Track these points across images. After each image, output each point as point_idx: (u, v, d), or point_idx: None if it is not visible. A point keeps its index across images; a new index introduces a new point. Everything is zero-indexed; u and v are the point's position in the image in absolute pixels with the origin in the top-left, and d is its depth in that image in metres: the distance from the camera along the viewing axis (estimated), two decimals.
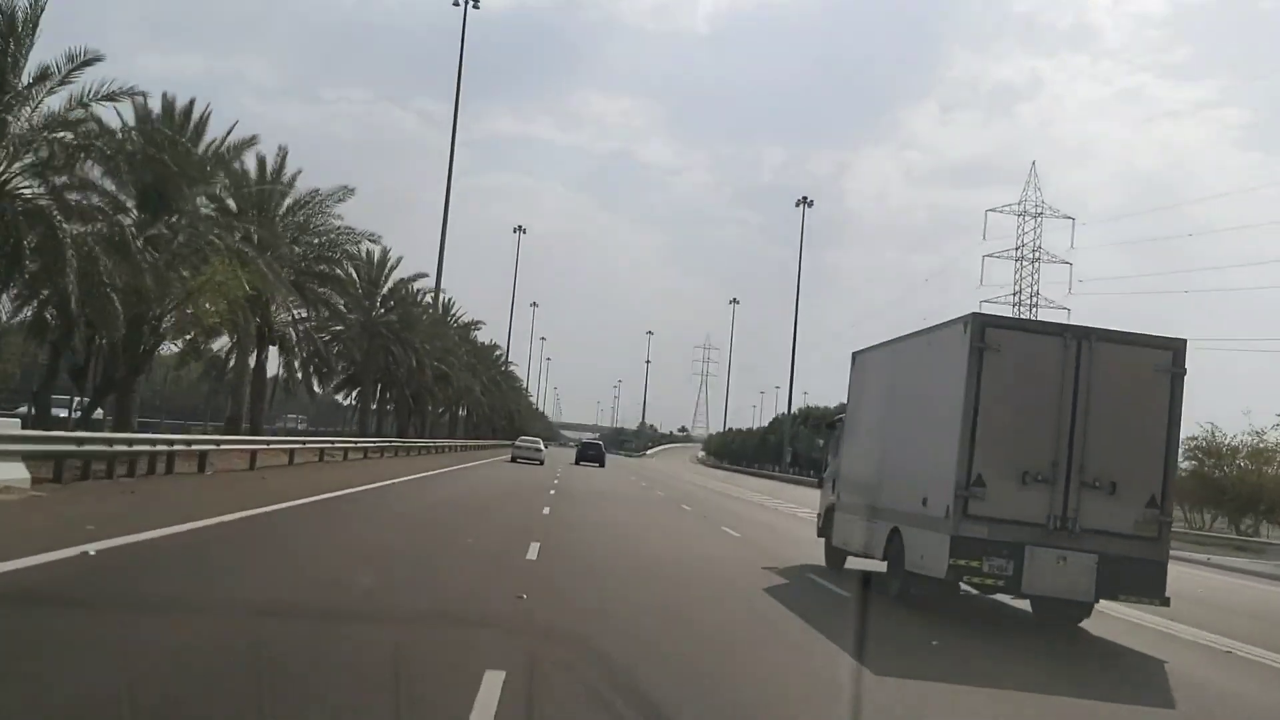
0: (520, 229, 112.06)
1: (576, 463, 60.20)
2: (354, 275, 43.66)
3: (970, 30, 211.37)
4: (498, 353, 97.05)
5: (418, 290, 57.04)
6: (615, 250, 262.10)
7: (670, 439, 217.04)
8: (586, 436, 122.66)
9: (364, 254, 44.12)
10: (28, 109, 20.22)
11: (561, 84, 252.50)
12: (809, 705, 7.21)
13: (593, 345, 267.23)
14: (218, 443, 25.19)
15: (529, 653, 7.17)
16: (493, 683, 5.98)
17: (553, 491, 30.54)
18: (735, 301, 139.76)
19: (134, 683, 5.52)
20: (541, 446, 56.71)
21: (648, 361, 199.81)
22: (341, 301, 40.73)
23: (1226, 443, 41.02)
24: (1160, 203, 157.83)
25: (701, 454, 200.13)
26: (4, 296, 21.65)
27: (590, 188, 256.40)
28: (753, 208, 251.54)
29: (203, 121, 27.25)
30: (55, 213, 20.11)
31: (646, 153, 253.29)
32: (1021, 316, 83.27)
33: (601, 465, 59.99)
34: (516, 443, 57.32)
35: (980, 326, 11.34)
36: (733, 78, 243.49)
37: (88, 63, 20.50)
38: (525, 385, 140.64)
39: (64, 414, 29.48)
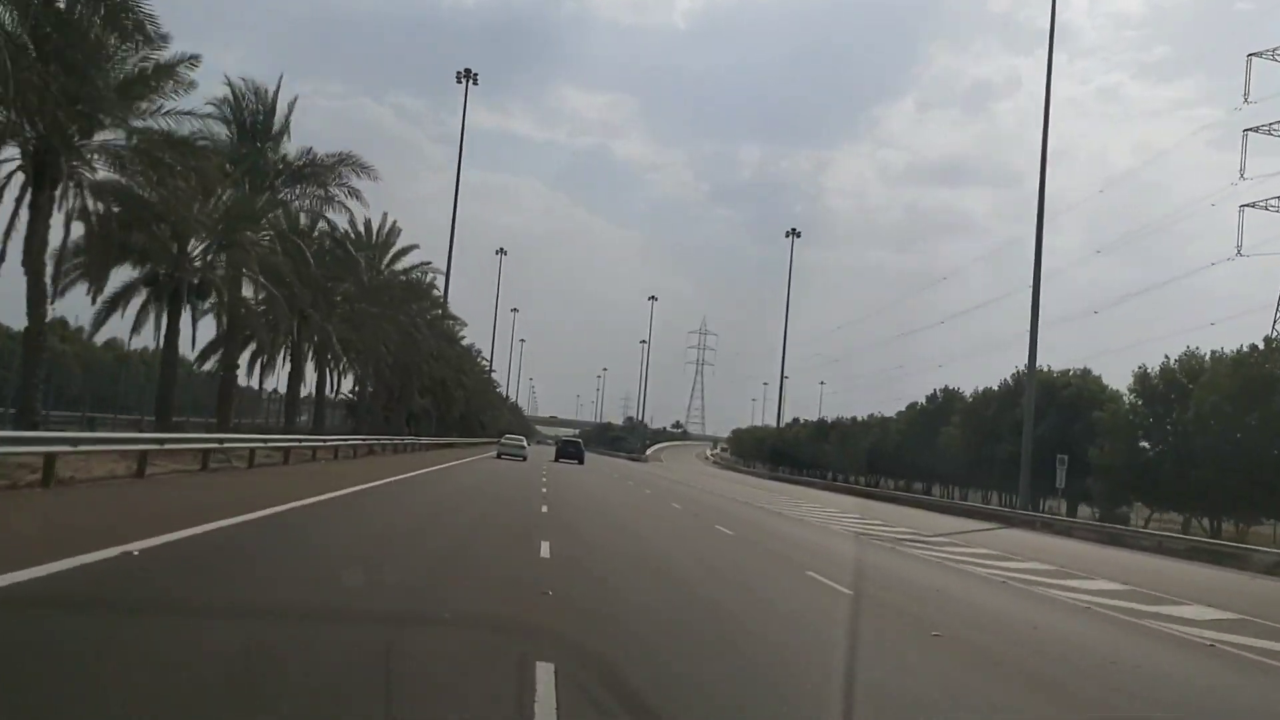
0: (469, 75, 71.24)
1: (556, 460, 59.29)
2: None
3: (948, 28, 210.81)
4: (435, 292, 60.06)
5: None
6: (593, 247, 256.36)
7: (665, 436, 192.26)
8: (566, 434, 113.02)
9: None
10: None
11: (538, 78, 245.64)
12: None
13: (571, 343, 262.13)
14: None
15: None
16: None
17: None
18: (795, 233, 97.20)
19: None
20: (525, 444, 59.17)
21: (644, 341, 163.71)
22: None
23: None
24: (1136, 202, 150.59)
25: (712, 452, 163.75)
26: None
27: (568, 184, 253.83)
28: (732, 205, 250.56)
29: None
30: None
31: (624, 149, 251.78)
32: None
33: (580, 462, 60.18)
34: (502, 440, 58.71)
35: None
36: (710, 74, 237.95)
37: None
38: (489, 364, 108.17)
39: None
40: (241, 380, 32.24)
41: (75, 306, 62.70)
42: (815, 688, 6.50)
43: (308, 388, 37.15)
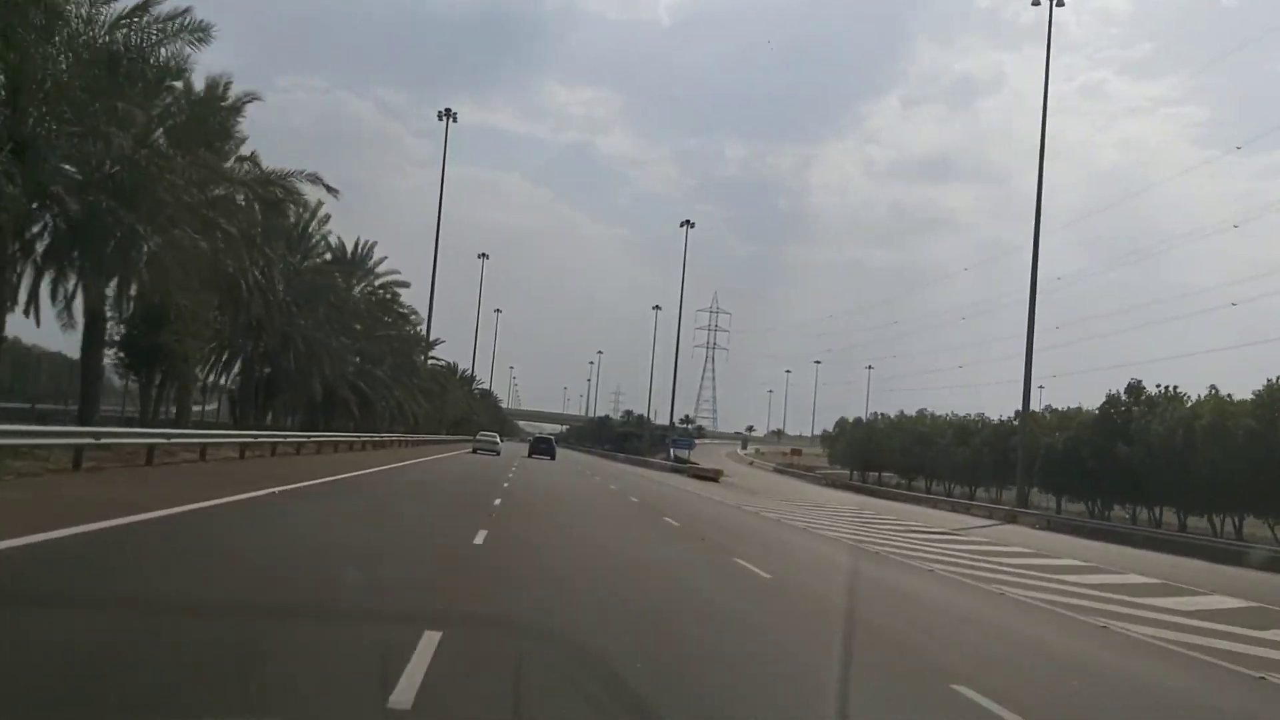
0: None
1: (530, 455, 60.62)
2: None
3: (934, 23, 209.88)
4: None
5: None
6: (577, 243, 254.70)
7: (676, 432, 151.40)
8: (551, 429, 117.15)
9: None
10: None
11: (522, 72, 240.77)
12: None
13: (555, 341, 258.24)
14: None
15: None
16: None
17: None
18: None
19: None
20: (498, 440, 65.54)
21: (657, 307, 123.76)
22: None
23: None
24: (1121, 200, 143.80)
25: (748, 453, 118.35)
26: None
27: (551, 179, 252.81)
28: (716, 202, 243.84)
29: None
30: None
31: (608, 144, 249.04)
32: None
33: (552, 458, 60.59)
34: (477, 436, 66.30)
35: None
36: (695, 69, 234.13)
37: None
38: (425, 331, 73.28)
39: None
40: None
41: None
42: None
43: None
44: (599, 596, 10.24)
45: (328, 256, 41.41)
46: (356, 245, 49.55)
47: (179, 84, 23.79)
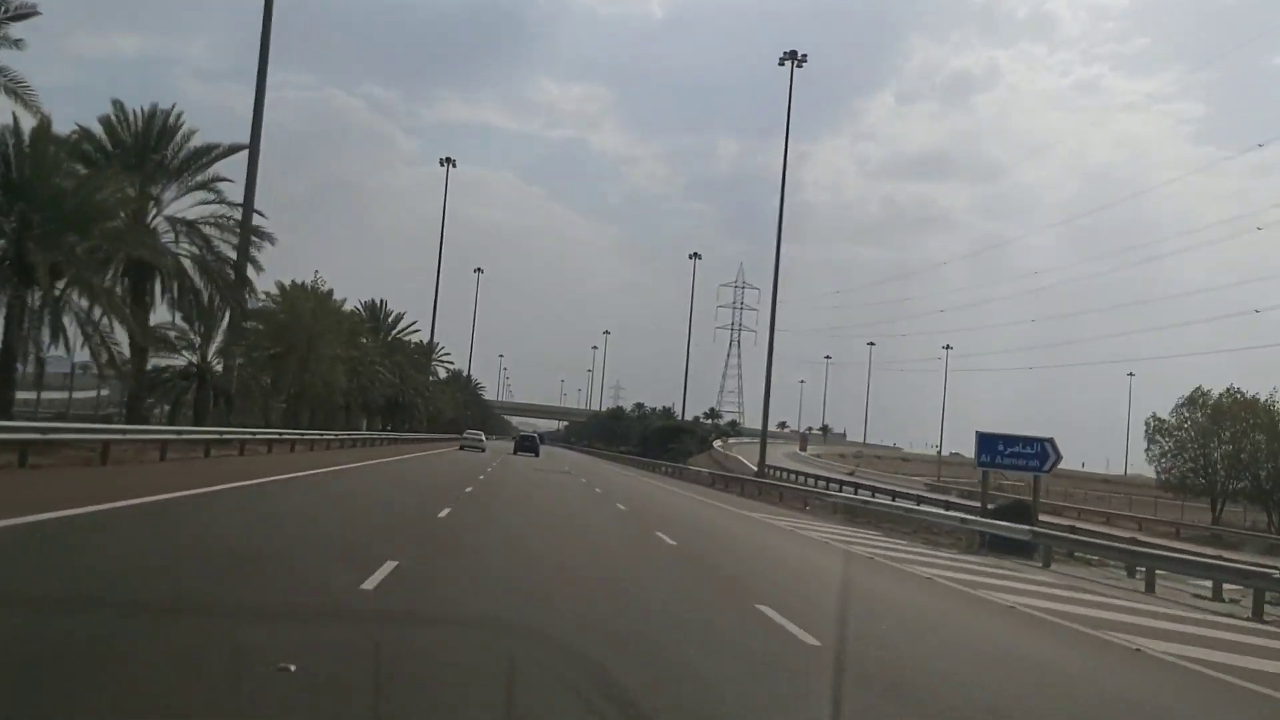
0: None
1: (515, 452, 64.49)
2: None
3: (928, 19, 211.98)
4: None
5: None
6: (569, 241, 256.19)
7: (699, 428, 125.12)
8: (546, 426, 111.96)
9: None
10: None
11: (512, 69, 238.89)
12: None
13: (547, 340, 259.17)
14: None
15: None
16: None
17: None
18: None
19: None
20: (483, 438, 71.04)
21: (695, 255, 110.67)
22: None
23: None
24: (1114, 198, 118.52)
25: (844, 456, 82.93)
26: None
27: (543, 177, 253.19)
28: (708, 199, 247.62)
29: None
30: None
31: (600, 141, 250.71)
32: None
33: (536, 454, 63.59)
34: (464, 435, 71.30)
35: None
36: (687, 65, 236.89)
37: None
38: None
39: None
40: None
41: None
42: None
43: None
44: None
45: None
46: None
47: None
